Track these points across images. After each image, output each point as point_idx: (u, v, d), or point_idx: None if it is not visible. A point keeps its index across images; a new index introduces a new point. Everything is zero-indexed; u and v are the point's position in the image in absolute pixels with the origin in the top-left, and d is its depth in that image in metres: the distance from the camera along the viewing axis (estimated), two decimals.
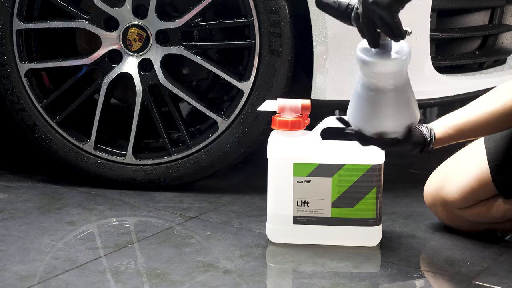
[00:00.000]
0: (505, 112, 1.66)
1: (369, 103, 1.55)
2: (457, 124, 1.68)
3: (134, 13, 2.13)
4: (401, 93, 1.54)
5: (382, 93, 1.53)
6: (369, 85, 1.53)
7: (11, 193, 2.18)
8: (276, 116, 1.81)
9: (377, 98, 1.53)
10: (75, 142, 2.21)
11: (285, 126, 1.79)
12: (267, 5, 2.02)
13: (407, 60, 1.50)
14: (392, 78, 1.51)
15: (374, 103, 1.54)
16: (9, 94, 2.22)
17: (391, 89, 1.52)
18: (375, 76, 1.51)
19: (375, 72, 1.50)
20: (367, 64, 1.49)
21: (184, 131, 2.16)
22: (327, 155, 1.77)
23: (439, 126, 1.68)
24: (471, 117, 1.68)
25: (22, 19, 2.17)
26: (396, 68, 1.49)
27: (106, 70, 2.18)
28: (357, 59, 1.52)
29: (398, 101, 1.55)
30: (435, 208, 1.90)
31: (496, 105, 1.67)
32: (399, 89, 1.53)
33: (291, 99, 1.81)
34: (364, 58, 1.50)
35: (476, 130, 1.69)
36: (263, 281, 1.64)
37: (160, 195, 2.17)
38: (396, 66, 1.49)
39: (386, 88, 1.52)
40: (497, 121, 1.67)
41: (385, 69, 1.49)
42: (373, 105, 1.54)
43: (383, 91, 1.52)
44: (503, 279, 1.64)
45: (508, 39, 2.30)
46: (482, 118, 1.67)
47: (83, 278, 1.63)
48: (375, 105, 1.54)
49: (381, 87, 1.52)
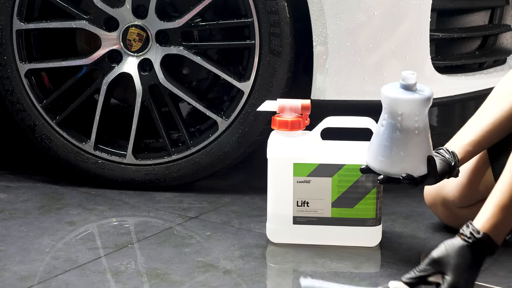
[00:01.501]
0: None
1: (395, 144, 1.58)
2: (474, 139, 1.68)
3: (134, 13, 2.13)
4: (424, 132, 1.58)
5: (407, 133, 1.56)
6: (395, 125, 1.56)
7: (11, 193, 2.18)
8: (276, 116, 1.81)
9: (402, 138, 1.57)
10: (75, 142, 2.21)
11: (285, 126, 1.79)
12: (267, 5, 2.02)
13: (430, 99, 1.56)
14: (418, 116, 1.55)
15: (400, 143, 1.57)
16: (9, 94, 2.22)
17: (416, 127, 1.56)
18: (402, 114, 1.55)
19: (403, 110, 1.55)
20: (395, 102, 1.55)
21: (184, 131, 2.16)
22: (327, 155, 1.77)
23: (458, 146, 1.68)
24: (485, 127, 1.68)
25: (22, 19, 2.17)
26: (421, 107, 1.55)
27: (106, 70, 2.18)
28: (383, 99, 1.57)
29: (422, 140, 1.58)
30: (435, 207, 1.90)
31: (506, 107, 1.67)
32: (422, 128, 1.57)
33: (291, 99, 1.81)
34: (392, 96, 1.55)
35: (494, 137, 1.69)
36: (263, 281, 1.64)
37: (160, 195, 2.17)
38: (422, 104, 1.55)
39: (412, 127, 1.56)
40: (510, 122, 1.67)
41: (412, 107, 1.55)
42: (399, 146, 1.57)
43: (409, 130, 1.56)
44: (503, 279, 1.64)
45: (508, 39, 2.31)
46: (496, 124, 1.67)
47: (83, 278, 1.63)
48: (401, 146, 1.57)
49: (407, 126, 1.56)
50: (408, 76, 1.54)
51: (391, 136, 1.57)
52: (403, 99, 1.54)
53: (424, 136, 1.58)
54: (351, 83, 2.04)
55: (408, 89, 1.55)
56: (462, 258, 1.45)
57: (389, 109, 1.57)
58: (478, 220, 1.48)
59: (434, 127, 3.25)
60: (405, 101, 1.54)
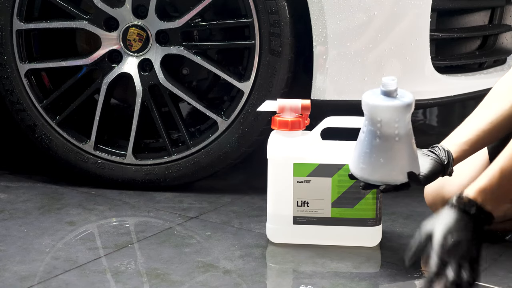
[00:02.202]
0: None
1: (374, 151, 1.56)
2: (471, 139, 1.66)
3: (134, 13, 2.13)
4: (406, 139, 1.56)
5: (387, 140, 1.55)
6: (375, 132, 1.55)
7: (11, 193, 2.18)
8: (276, 116, 1.81)
9: (382, 145, 1.55)
10: (75, 142, 2.21)
11: (285, 126, 1.79)
12: (267, 5, 2.02)
13: (410, 106, 1.54)
14: (398, 122, 1.54)
15: (380, 150, 1.56)
16: (9, 94, 2.22)
17: (396, 134, 1.55)
18: (381, 121, 1.54)
19: (382, 116, 1.53)
20: (373, 108, 1.54)
21: (184, 131, 2.16)
22: (327, 155, 1.77)
23: (455, 145, 1.66)
24: (483, 126, 1.66)
25: (22, 19, 2.17)
26: (401, 113, 1.53)
27: (106, 70, 2.18)
28: (363, 105, 1.56)
29: (404, 147, 1.56)
30: (435, 207, 1.89)
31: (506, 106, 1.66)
32: (403, 135, 1.55)
33: (291, 99, 1.81)
34: (371, 102, 1.54)
35: (492, 136, 1.67)
36: (263, 281, 1.64)
37: (160, 195, 2.17)
38: (401, 110, 1.53)
39: (392, 134, 1.55)
40: (510, 122, 1.66)
41: (391, 114, 1.53)
42: (379, 153, 1.56)
43: (389, 137, 1.55)
44: (503, 279, 1.64)
45: (508, 39, 2.30)
46: (495, 124, 1.65)
47: (83, 278, 1.63)
48: (381, 153, 1.56)
49: (386, 133, 1.54)
50: (388, 82, 1.53)
51: (371, 143, 1.56)
52: (381, 105, 1.53)
53: (405, 143, 1.56)
54: (351, 83, 2.04)
55: (388, 95, 1.53)
56: (448, 218, 1.46)
57: (369, 116, 1.55)
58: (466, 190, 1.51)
59: (434, 127, 3.25)
60: (383, 108, 1.53)
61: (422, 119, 3.29)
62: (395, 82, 1.53)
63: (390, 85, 1.53)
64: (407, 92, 1.55)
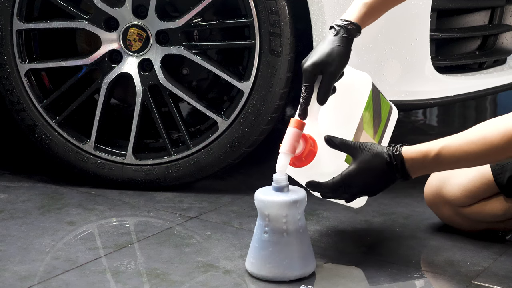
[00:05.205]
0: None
1: (262, 246, 1.59)
2: (437, 142, 1.59)
3: (134, 13, 2.13)
4: (296, 235, 1.59)
5: (274, 235, 1.58)
6: (263, 226, 1.59)
7: (11, 193, 2.18)
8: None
9: (270, 240, 1.58)
10: (75, 142, 2.21)
11: (302, 163, 1.66)
12: (267, 5, 2.02)
13: (297, 202, 1.58)
14: (286, 218, 1.57)
15: (267, 245, 1.59)
16: (9, 94, 2.22)
17: (285, 230, 1.58)
18: (268, 215, 1.58)
19: (269, 211, 1.58)
20: (260, 203, 1.59)
21: (184, 131, 2.16)
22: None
23: (412, 147, 1.60)
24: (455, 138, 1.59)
25: (22, 19, 2.17)
26: (288, 209, 1.57)
27: (106, 70, 2.18)
28: (255, 201, 1.60)
29: (293, 243, 1.59)
30: (435, 207, 1.90)
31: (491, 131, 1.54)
32: (292, 231, 1.58)
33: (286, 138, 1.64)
34: (259, 197, 1.59)
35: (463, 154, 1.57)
36: (263, 281, 1.64)
37: (160, 195, 2.17)
38: (288, 206, 1.57)
39: (279, 229, 1.58)
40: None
41: (277, 209, 1.57)
42: (266, 248, 1.59)
43: (276, 232, 1.58)
44: (503, 279, 1.64)
45: (508, 39, 2.31)
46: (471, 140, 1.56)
47: (83, 278, 1.63)
48: (268, 248, 1.58)
49: (274, 228, 1.58)
50: (277, 179, 1.58)
51: (260, 237, 1.60)
52: (267, 200, 1.58)
53: (296, 239, 1.59)
54: None
55: (278, 191, 1.58)
56: None
57: (258, 211, 1.60)
58: None
59: (434, 127, 3.25)
60: (269, 203, 1.58)
61: (422, 119, 3.29)
62: (285, 178, 1.58)
63: (279, 181, 1.58)
64: (300, 189, 1.60)
